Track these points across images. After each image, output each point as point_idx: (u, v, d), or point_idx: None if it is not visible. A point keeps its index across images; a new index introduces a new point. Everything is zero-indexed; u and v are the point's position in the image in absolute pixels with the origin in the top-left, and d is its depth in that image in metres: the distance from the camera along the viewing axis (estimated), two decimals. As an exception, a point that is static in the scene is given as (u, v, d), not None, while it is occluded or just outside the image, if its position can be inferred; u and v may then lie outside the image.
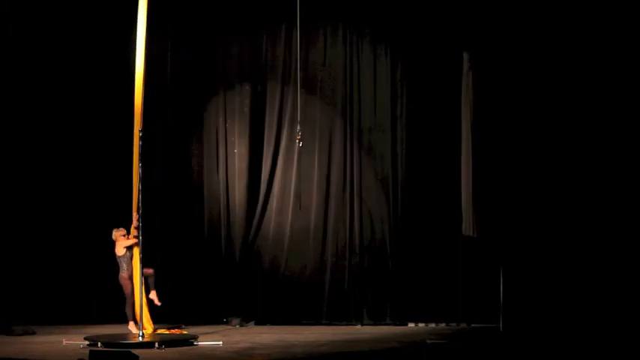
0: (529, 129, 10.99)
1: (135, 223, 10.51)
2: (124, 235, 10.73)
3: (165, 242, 12.04)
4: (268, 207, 12.27)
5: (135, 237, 10.52)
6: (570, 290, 10.64)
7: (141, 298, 10.25)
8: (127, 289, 10.67)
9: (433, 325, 11.81)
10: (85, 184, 12.20)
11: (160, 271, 11.38)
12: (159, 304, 10.72)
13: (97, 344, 9.76)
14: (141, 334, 10.07)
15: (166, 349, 9.80)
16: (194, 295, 11.96)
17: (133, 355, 8.11)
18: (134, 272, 10.61)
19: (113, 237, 10.77)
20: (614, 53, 10.89)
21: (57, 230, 12.13)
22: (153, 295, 10.73)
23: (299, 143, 11.20)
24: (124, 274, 10.70)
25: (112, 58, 12.22)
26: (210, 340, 10.33)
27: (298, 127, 11.16)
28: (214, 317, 11.89)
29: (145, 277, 10.50)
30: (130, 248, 10.68)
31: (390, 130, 12.13)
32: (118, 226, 10.77)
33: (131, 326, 10.66)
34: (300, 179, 12.18)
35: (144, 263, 10.31)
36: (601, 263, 10.65)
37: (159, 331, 10.72)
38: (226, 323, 11.89)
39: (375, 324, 11.89)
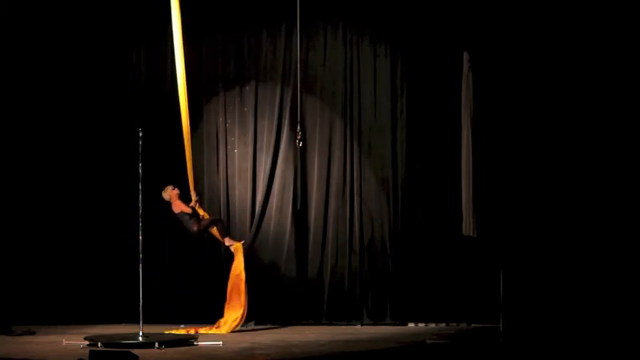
0: (529, 129, 10.98)
1: (194, 202, 10.89)
2: (178, 195, 10.86)
3: (165, 242, 12.05)
4: (268, 207, 12.26)
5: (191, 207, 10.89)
6: (571, 290, 10.64)
7: (141, 297, 10.25)
8: (202, 227, 10.96)
9: (433, 325, 11.81)
10: (85, 184, 12.21)
11: (159, 270, 11.44)
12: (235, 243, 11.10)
13: (97, 344, 9.76)
14: (141, 334, 10.07)
15: (166, 349, 9.81)
16: (194, 294, 11.96)
17: (133, 355, 8.11)
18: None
19: (167, 196, 10.79)
20: (614, 53, 10.88)
21: (57, 230, 12.13)
22: (228, 240, 11.07)
23: (299, 143, 11.20)
24: (194, 228, 10.90)
25: (112, 58, 12.26)
26: (210, 340, 10.33)
27: (298, 127, 11.15)
28: (214, 317, 11.87)
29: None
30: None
31: (390, 130, 12.13)
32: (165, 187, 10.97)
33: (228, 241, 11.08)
34: (300, 179, 12.19)
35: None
36: (602, 263, 10.65)
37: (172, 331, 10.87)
38: (226, 323, 11.89)
39: (375, 324, 11.89)
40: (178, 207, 10.88)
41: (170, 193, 10.85)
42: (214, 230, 11.23)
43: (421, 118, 12.06)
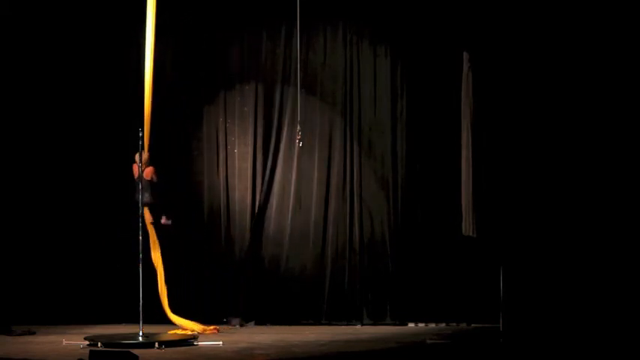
0: (529, 129, 10.98)
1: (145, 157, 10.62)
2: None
3: (165, 242, 12.04)
4: (268, 207, 12.26)
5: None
6: (571, 290, 10.64)
7: (141, 297, 10.25)
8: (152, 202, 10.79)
9: (433, 325, 11.82)
10: (85, 184, 12.21)
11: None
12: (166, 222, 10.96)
13: (97, 344, 9.77)
14: (141, 334, 10.08)
15: (166, 349, 9.81)
16: (194, 295, 11.96)
17: (133, 355, 8.12)
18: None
19: (144, 159, 10.65)
20: (614, 53, 10.87)
21: (57, 230, 12.13)
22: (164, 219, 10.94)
23: (299, 143, 11.20)
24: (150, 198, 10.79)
25: (111, 57, 12.26)
26: (210, 340, 10.34)
27: (298, 127, 11.15)
28: (214, 317, 11.88)
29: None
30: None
31: (390, 130, 12.14)
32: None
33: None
34: (300, 179, 12.19)
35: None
36: (602, 262, 10.65)
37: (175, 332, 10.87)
38: (226, 323, 11.89)
39: (375, 324, 11.89)
40: (149, 175, 10.77)
41: (146, 159, 10.67)
42: (148, 212, 10.88)
43: (421, 118, 12.06)
